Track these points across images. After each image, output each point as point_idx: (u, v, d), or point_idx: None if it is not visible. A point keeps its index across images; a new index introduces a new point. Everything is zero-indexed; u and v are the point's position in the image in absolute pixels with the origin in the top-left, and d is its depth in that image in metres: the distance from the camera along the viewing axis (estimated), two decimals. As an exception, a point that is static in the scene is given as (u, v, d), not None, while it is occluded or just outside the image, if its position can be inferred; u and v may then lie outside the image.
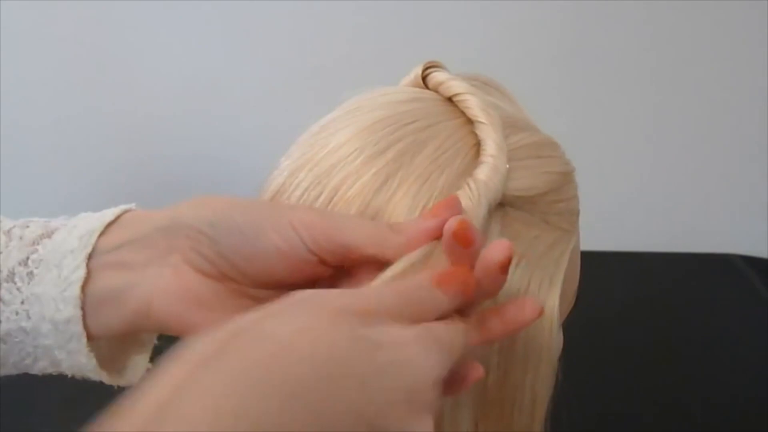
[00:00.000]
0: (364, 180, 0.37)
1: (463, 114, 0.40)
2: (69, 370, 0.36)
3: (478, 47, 1.03)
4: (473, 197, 0.36)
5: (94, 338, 0.35)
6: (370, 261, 0.33)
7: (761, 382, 0.92)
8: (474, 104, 0.39)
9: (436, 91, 0.42)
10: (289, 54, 1.03)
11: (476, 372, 0.32)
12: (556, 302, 0.38)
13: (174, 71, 1.04)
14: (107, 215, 0.35)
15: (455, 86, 0.41)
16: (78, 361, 0.35)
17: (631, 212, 1.18)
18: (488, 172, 0.37)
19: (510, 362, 0.38)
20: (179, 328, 0.34)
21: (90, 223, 0.35)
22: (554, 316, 0.38)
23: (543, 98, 0.64)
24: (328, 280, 0.35)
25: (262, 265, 0.33)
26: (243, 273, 0.34)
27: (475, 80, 0.43)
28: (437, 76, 0.42)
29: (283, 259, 0.33)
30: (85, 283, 0.34)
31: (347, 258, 0.34)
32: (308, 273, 0.34)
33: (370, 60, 1.01)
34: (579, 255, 0.43)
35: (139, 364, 0.39)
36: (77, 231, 0.34)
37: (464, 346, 0.31)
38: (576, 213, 0.42)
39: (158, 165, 1.07)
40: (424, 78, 0.43)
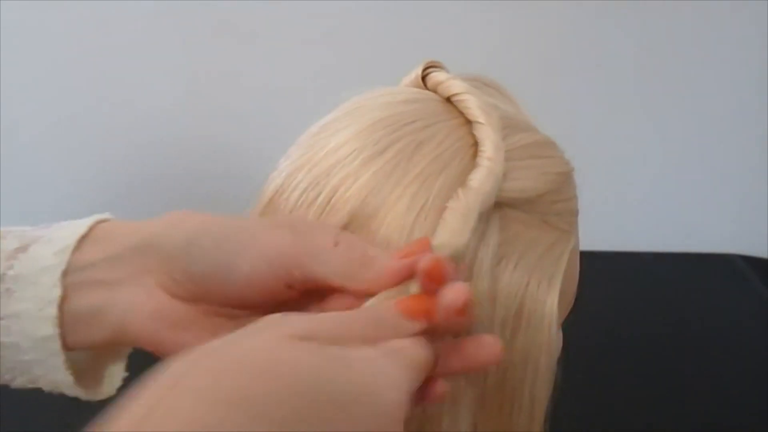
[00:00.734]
0: (363, 181, 0.37)
1: (462, 114, 0.40)
2: (46, 387, 0.36)
3: (479, 48, 1.03)
4: (463, 208, 0.36)
5: (73, 351, 0.35)
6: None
7: (761, 382, 0.92)
8: (473, 104, 0.39)
9: (435, 92, 0.42)
10: (289, 54, 1.03)
11: (440, 388, 0.32)
12: (555, 302, 0.38)
13: (174, 72, 1.04)
14: (80, 228, 0.35)
15: (454, 86, 0.41)
16: (55, 378, 0.36)
17: (631, 212, 1.18)
18: (482, 178, 0.37)
19: (509, 362, 0.38)
20: (153, 347, 0.35)
21: (64, 238, 0.35)
22: (553, 317, 0.38)
23: (543, 98, 0.64)
24: (300, 302, 0.35)
25: (233, 291, 0.34)
26: (214, 297, 0.34)
27: (475, 81, 0.43)
28: (436, 77, 0.42)
29: (254, 286, 0.34)
30: (62, 301, 0.34)
31: (317, 286, 0.34)
32: (280, 296, 0.34)
33: (370, 60, 1.01)
34: (578, 255, 0.43)
35: (115, 375, 0.40)
36: (52, 247, 0.35)
37: (430, 363, 0.31)
38: (575, 213, 0.42)
39: (158, 165, 1.07)
40: (424, 78, 0.43)
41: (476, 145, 0.39)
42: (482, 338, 0.33)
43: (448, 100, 0.41)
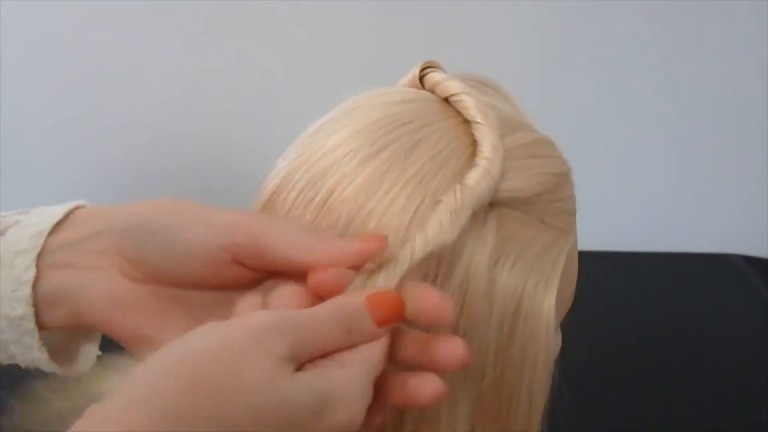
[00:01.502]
0: (359, 181, 0.37)
1: (460, 114, 0.40)
2: (23, 363, 0.38)
3: (478, 48, 1.03)
4: (456, 205, 0.35)
5: (48, 329, 0.37)
6: (289, 269, 0.34)
7: (761, 382, 0.92)
8: (470, 104, 0.39)
9: (433, 92, 0.42)
10: (289, 54, 1.03)
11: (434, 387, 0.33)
12: (553, 303, 0.38)
13: (174, 72, 1.04)
14: (56, 215, 0.37)
15: (451, 86, 0.41)
16: (31, 355, 0.37)
17: (631, 212, 1.18)
18: (478, 177, 0.36)
19: (506, 363, 0.38)
20: (105, 329, 0.36)
21: (40, 223, 0.36)
22: (551, 317, 0.38)
23: (542, 98, 0.64)
24: (253, 285, 0.35)
25: (177, 264, 0.35)
26: (162, 273, 0.35)
27: (472, 80, 0.43)
28: (434, 77, 0.42)
29: (197, 258, 0.34)
30: (36, 282, 0.35)
31: (263, 261, 0.34)
32: (229, 275, 0.35)
33: (369, 60, 1.01)
34: (576, 255, 0.42)
35: (91, 352, 0.41)
36: (28, 231, 0.36)
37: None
38: (573, 213, 0.42)
39: (158, 164, 1.08)
40: (422, 78, 0.43)
41: (473, 145, 0.39)
42: (448, 340, 0.33)
43: (446, 101, 0.41)
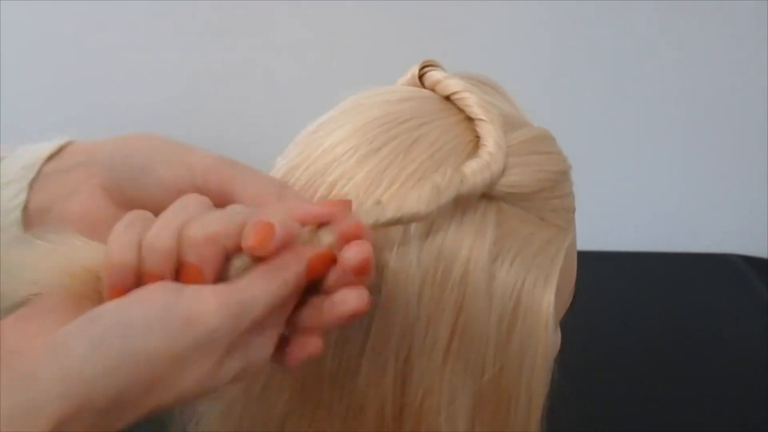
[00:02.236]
0: (358, 179, 0.37)
1: (461, 112, 0.40)
2: None
3: (478, 48, 1.03)
4: (441, 185, 0.36)
5: None
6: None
7: (761, 382, 0.92)
8: (473, 102, 0.40)
9: (433, 90, 0.42)
10: (288, 54, 1.03)
11: (310, 347, 0.34)
12: (552, 300, 0.38)
13: (173, 72, 1.04)
14: (46, 149, 0.39)
15: (453, 85, 0.41)
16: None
17: (631, 212, 1.18)
18: (475, 167, 0.37)
19: (506, 359, 0.38)
20: None
21: (34, 154, 0.39)
22: (550, 314, 0.38)
23: (542, 98, 0.64)
24: None
25: (150, 197, 0.36)
26: (136, 203, 0.36)
27: (472, 79, 0.43)
28: (434, 75, 0.42)
29: (169, 194, 0.35)
30: (28, 202, 0.38)
31: (228, 204, 0.35)
32: None
33: (368, 60, 1.01)
34: (575, 253, 0.42)
35: None
36: (21, 161, 0.38)
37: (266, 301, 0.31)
38: (572, 210, 0.42)
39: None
40: (421, 77, 0.43)
41: (474, 142, 0.39)
42: (345, 291, 0.33)
43: (447, 99, 0.41)
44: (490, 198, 0.38)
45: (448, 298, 0.36)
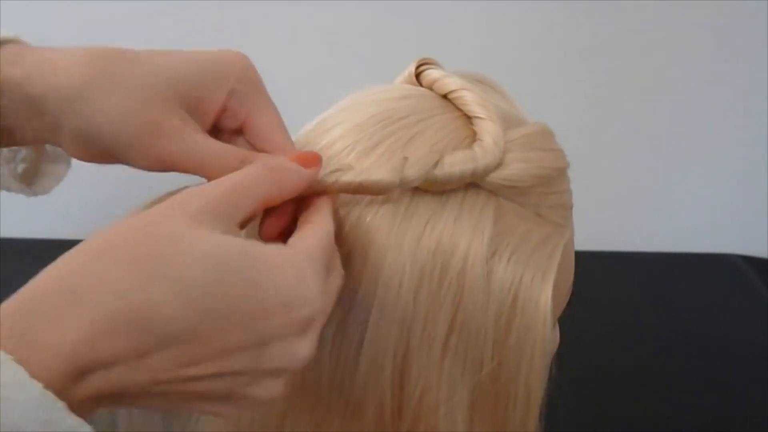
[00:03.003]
0: None
1: (459, 109, 0.40)
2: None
3: (478, 47, 1.03)
4: (417, 163, 0.36)
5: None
6: None
7: (761, 382, 0.92)
8: (471, 99, 0.40)
9: (431, 89, 0.42)
10: (287, 53, 1.03)
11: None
12: (549, 296, 0.38)
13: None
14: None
15: (450, 83, 0.41)
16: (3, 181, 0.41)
17: (631, 212, 1.18)
18: (458, 157, 0.37)
19: (504, 354, 0.38)
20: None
21: None
22: (548, 310, 0.38)
23: (543, 98, 0.64)
24: None
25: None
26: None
27: (469, 77, 0.43)
28: (432, 74, 0.42)
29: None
30: None
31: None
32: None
33: (367, 59, 1.02)
34: (573, 250, 0.43)
35: (59, 172, 0.44)
36: None
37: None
38: (569, 207, 0.42)
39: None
40: (418, 75, 0.43)
41: (470, 138, 0.39)
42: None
43: (445, 97, 0.41)
44: (488, 193, 0.38)
45: (446, 294, 0.36)
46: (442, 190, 0.37)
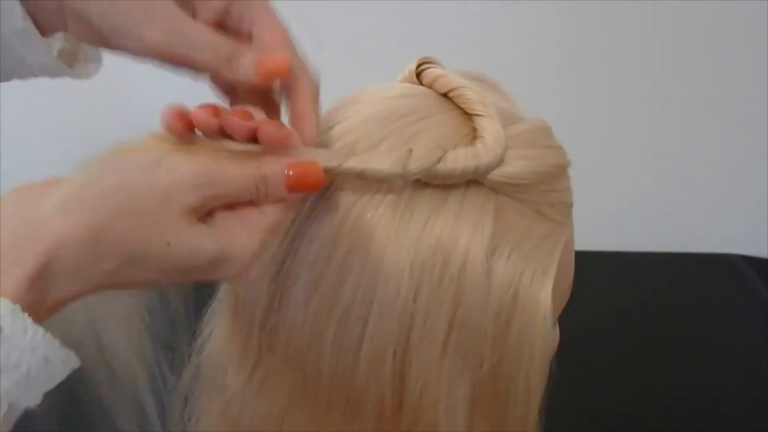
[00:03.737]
0: None
1: (459, 107, 0.40)
2: (40, 72, 0.44)
3: (478, 47, 1.03)
4: (421, 157, 0.36)
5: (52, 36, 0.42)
6: None
7: (761, 382, 0.92)
8: (472, 97, 0.40)
9: (431, 87, 0.42)
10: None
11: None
12: (549, 294, 0.38)
13: (174, 72, 1.04)
14: None
15: (451, 81, 0.41)
16: (42, 61, 0.43)
17: (631, 212, 1.18)
18: (461, 153, 0.37)
19: (504, 351, 0.38)
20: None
21: None
22: (548, 307, 0.38)
23: (544, 98, 0.64)
24: None
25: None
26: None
27: (469, 76, 0.44)
28: (432, 72, 0.42)
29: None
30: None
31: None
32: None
33: (366, 58, 1.02)
34: (573, 248, 0.43)
35: (98, 58, 0.46)
36: None
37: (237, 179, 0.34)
38: (569, 206, 0.42)
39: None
40: (419, 74, 0.43)
41: (471, 135, 0.39)
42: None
43: (445, 96, 0.42)
44: (489, 190, 0.38)
45: (446, 291, 0.37)
46: (443, 185, 0.38)
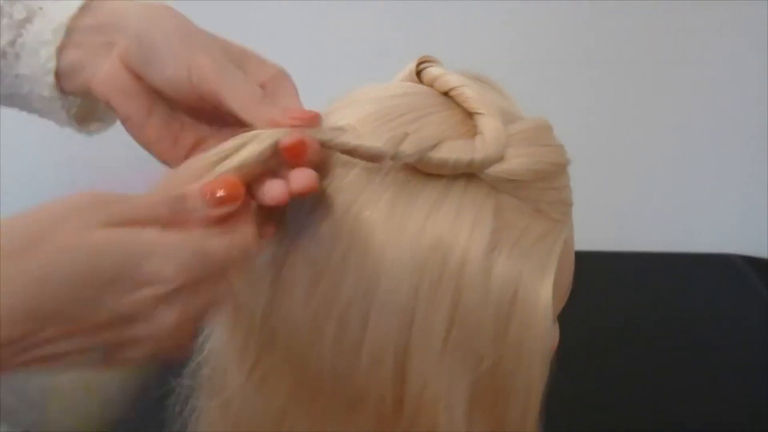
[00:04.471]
0: (357, 170, 0.38)
1: (459, 106, 0.40)
2: (58, 124, 0.47)
3: (477, 47, 1.03)
4: (406, 137, 0.37)
5: (71, 95, 0.45)
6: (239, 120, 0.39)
7: (761, 382, 0.92)
8: (472, 96, 0.40)
9: (431, 86, 0.42)
10: (286, 52, 1.03)
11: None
12: (549, 292, 0.38)
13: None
14: (73, 8, 0.43)
15: (451, 80, 0.41)
16: (60, 119, 0.46)
17: (631, 212, 1.18)
18: (457, 145, 0.37)
19: (504, 349, 0.38)
20: (108, 105, 0.43)
21: (62, 15, 0.43)
22: (547, 306, 0.38)
23: (544, 98, 0.64)
24: (206, 116, 0.42)
25: (158, 81, 0.41)
26: (148, 81, 0.41)
27: (469, 75, 0.44)
28: (432, 71, 0.43)
29: (172, 85, 0.40)
30: (59, 62, 0.43)
31: (221, 107, 0.39)
32: (201, 105, 0.41)
33: (365, 58, 1.02)
34: (573, 247, 0.43)
35: (108, 117, 0.49)
36: (50, 23, 0.43)
37: (221, 250, 0.33)
38: (568, 204, 0.43)
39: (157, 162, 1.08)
40: (419, 73, 0.43)
41: (470, 133, 0.39)
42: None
43: (445, 94, 0.42)
44: (489, 188, 0.38)
45: (446, 289, 0.37)
46: (437, 175, 0.38)
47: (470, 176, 0.38)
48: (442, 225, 0.37)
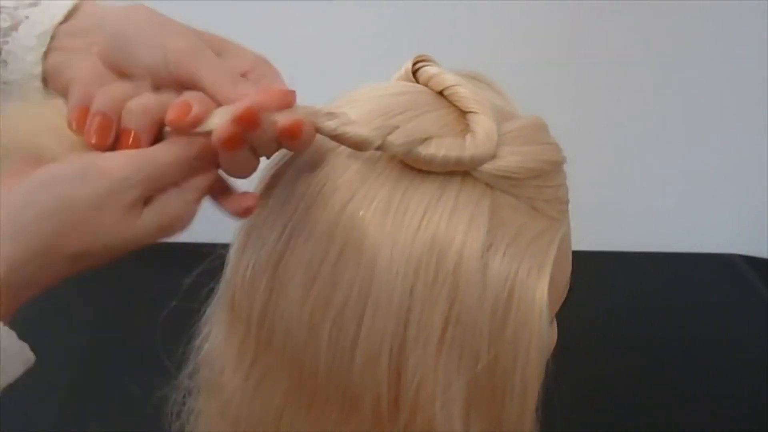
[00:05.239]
0: (353, 170, 0.38)
1: (453, 105, 0.41)
2: None
3: (477, 47, 1.03)
4: (393, 127, 0.37)
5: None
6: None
7: (761, 382, 0.92)
8: (466, 95, 0.40)
9: (427, 85, 0.43)
10: (286, 51, 1.03)
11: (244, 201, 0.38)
12: (545, 290, 0.38)
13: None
14: (57, 16, 0.44)
15: (446, 79, 0.41)
16: None
17: (632, 212, 1.18)
18: (446, 142, 0.37)
19: (500, 348, 0.38)
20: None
21: (45, 22, 0.44)
22: (544, 304, 0.38)
23: (543, 98, 0.64)
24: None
25: (137, 71, 0.40)
26: (127, 72, 0.41)
27: (465, 75, 0.44)
28: (428, 70, 0.43)
29: (150, 72, 0.40)
30: (45, 66, 0.43)
31: (196, 89, 0.39)
32: (173, 88, 0.40)
33: (364, 57, 1.02)
34: (570, 245, 0.43)
35: None
36: (35, 29, 0.44)
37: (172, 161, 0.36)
38: (565, 202, 0.43)
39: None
40: (415, 72, 0.44)
41: (464, 132, 0.39)
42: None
43: (441, 94, 0.42)
44: (484, 186, 0.38)
45: (442, 288, 0.37)
46: (432, 173, 0.38)
47: (465, 174, 0.38)
48: (438, 224, 0.37)
